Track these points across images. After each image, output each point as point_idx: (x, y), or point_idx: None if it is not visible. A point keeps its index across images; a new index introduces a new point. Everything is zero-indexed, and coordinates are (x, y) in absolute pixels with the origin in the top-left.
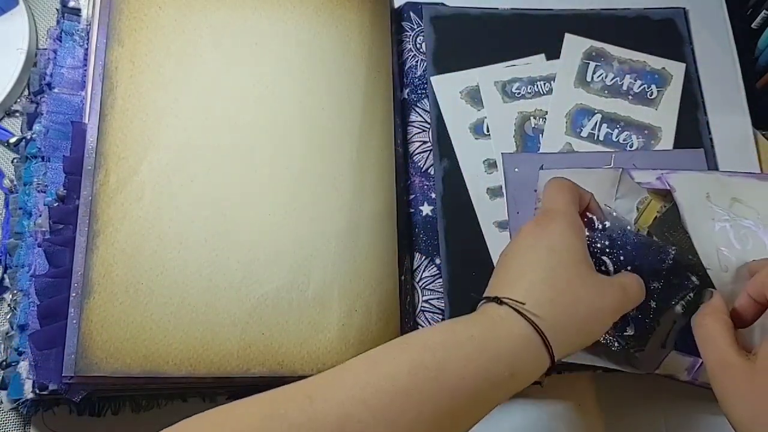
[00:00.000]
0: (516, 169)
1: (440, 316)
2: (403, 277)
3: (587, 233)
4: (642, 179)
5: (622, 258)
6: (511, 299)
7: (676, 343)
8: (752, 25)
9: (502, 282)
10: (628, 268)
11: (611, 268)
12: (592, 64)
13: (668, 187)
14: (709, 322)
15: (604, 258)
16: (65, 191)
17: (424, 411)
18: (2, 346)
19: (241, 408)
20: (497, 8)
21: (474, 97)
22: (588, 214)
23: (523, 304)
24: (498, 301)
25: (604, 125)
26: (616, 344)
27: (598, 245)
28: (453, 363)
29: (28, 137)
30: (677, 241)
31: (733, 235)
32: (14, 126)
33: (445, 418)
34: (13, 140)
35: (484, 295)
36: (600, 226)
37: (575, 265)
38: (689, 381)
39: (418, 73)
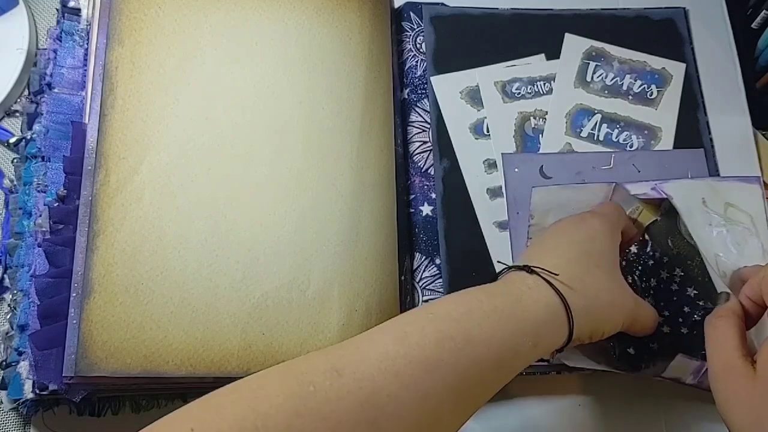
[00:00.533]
0: (516, 169)
1: None
2: (403, 277)
3: (635, 249)
4: (637, 191)
5: (644, 285)
6: (543, 269)
7: (683, 346)
8: (752, 25)
9: (533, 255)
10: (646, 295)
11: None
12: (592, 64)
13: (664, 196)
14: (722, 324)
15: (634, 277)
16: (65, 191)
17: (452, 381)
18: (2, 346)
19: (266, 385)
20: (497, 8)
21: (474, 97)
22: (646, 236)
23: (557, 275)
24: (528, 269)
25: (604, 125)
26: (615, 357)
27: (634, 264)
28: (479, 334)
29: (28, 137)
30: (678, 248)
31: (729, 240)
32: (14, 126)
33: (471, 387)
34: (13, 140)
35: (515, 264)
36: (650, 252)
37: (606, 259)
38: (695, 384)
39: (418, 73)
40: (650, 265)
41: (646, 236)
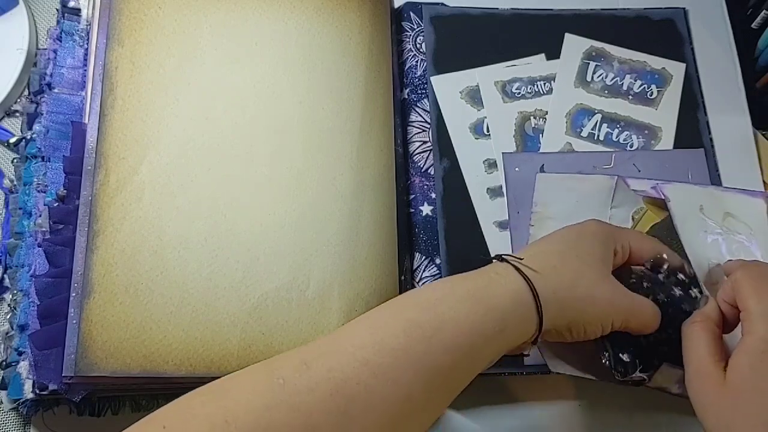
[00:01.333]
0: (516, 169)
1: None
2: (403, 277)
3: (646, 269)
4: (638, 187)
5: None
6: (511, 255)
7: (666, 355)
8: (752, 25)
9: (522, 250)
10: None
11: None
12: (592, 64)
13: (663, 197)
14: (696, 330)
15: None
16: (65, 191)
17: (421, 369)
18: (2, 346)
19: (238, 382)
20: (497, 8)
21: (474, 97)
22: (665, 255)
23: (521, 259)
24: (500, 258)
25: (605, 125)
26: (605, 358)
27: (643, 283)
28: (450, 318)
29: (28, 137)
30: (676, 249)
31: (725, 248)
32: (14, 126)
33: (441, 374)
34: (13, 140)
35: (491, 256)
36: (663, 274)
37: (593, 255)
38: (680, 394)
39: (418, 73)
40: (648, 286)
41: (665, 255)
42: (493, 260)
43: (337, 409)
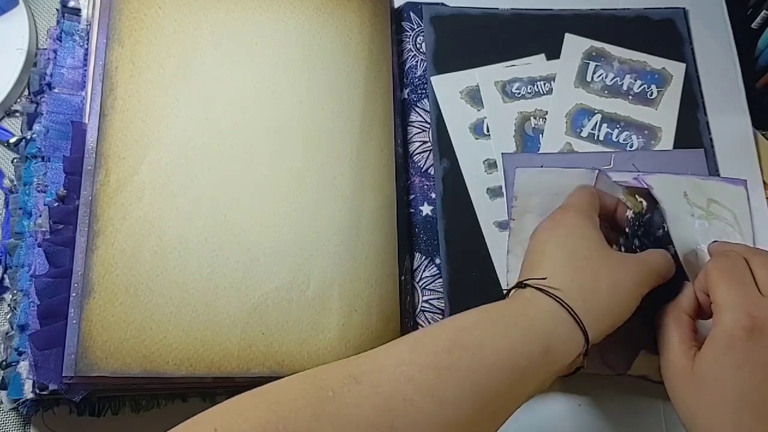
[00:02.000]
0: (516, 169)
1: (440, 316)
2: (403, 277)
3: (623, 240)
4: (619, 179)
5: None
6: (532, 278)
7: (644, 341)
8: (752, 25)
9: (524, 273)
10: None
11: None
12: (592, 64)
13: (645, 186)
14: (668, 320)
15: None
16: (65, 191)
17: (465, 387)
18: (2, 346)
19: (287, 390)
20: (497, 8)
21: (474, 97)
22: (626, 203)
23: (544, 279)
24: (522, 285)
25: (604, 125)
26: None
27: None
28: (488, 339)
29: (28, 137)
30: (662, 238)
31: (712, 232)
32: (14, 126)
33: (486, 395)
34: (13, 140)
35: (510, 287)
36: (628, 231)
37: (591, 246)
38: (661, 381)
39: (418, 73)
40: (645, 227)
41: (638, 198)
42: (515, 288)
43: (384, 423)
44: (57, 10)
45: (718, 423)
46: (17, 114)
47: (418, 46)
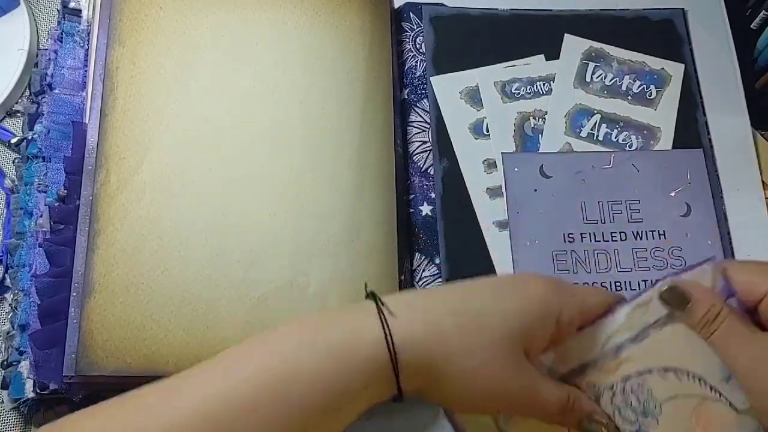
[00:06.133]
0: (516, 169)
1: None
2: (403, 277)
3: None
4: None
5: None
6: (381, 301)
7: None
8: (751, 26)
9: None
10: None
11: None
12: (592, 65)
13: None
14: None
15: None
16: (66, 191)
17: (272, 425)
18: (3, 345)
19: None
20: (497, 9)
21: (474, 97)
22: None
23: (383, 304)
24: (373, 295)
25: (604, 125)
26: None
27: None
28: (303, 373)
29: (29, 137)
30: None
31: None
32: (15, 126)
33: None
34: (14, 140)
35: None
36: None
37: (504, 327)
38: None
39: (418, 74)
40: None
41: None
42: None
43: None
44: (58, 10)
45: None
46: (18, 114)
47: (417, 46)
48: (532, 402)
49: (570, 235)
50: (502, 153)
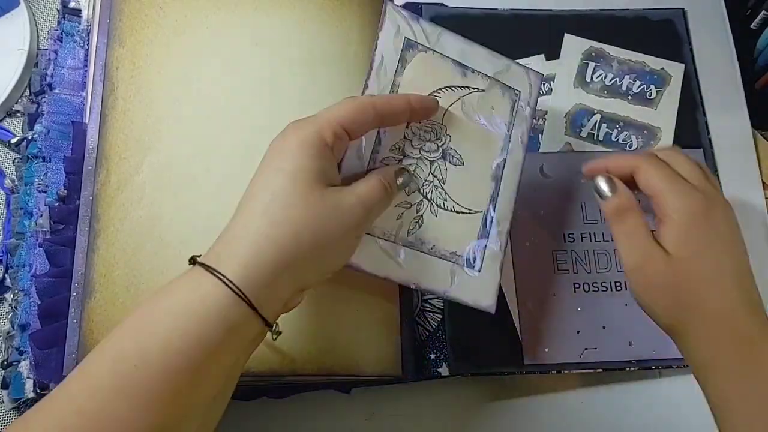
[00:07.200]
0: None
1: (440, 316)
2: None
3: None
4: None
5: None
6: (197, 257)
7: None
8: (751, 26)
9: (228, 225)
10: None
11: None
12: (592, 65)
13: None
14: (631, 216)
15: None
16: (66, 191)
17: (140, 401)
18: (3, 345)
19: None
20: (497, 9)
21: None
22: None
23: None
24: (192, 261)
25: (604, 125)
26: None
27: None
28: (154, 342)
29: (29, 137)
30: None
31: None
32: (15, 126)
33: (165, 397)
34: (14, 140)
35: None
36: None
37: (299, 189)
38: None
39: None
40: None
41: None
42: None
43: None
44: (58, 10)
45: (720, 289)
46: (18, 114)
47: None
48: (365, 208)
49: (570, 235)
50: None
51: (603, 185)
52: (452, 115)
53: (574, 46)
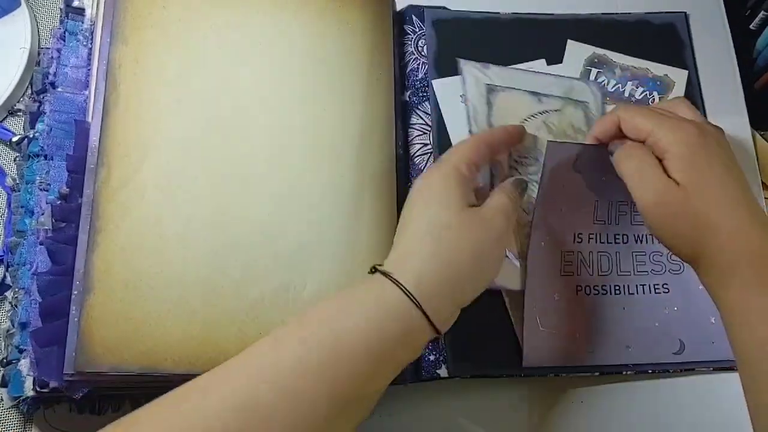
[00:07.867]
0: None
1: None
2: None
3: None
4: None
5: None
6: (378, 266)
7: None
8: (750, 26)
9: (394, 241)
10: None
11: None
12: (594, 71)
13: None
14: (640, 153)
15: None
16: (68, 189)
17: (324, 382)
18: (3, 343)
19: (147, 415)
20: (498, 13)
21: None
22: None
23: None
24: (373, 270)
25: None
26: None
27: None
28: (345, 332)
29: (31, 136)
30: None
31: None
32: (17, 125)
33: (341, 388)
34: (15, 139)
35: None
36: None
37: (452, 211)
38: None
39: (420, 76)
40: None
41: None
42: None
43: (240, 428)
44: (60, 9)
45: (729, 209)
46: (20, 113)
47: (419, 49)
48: (505, 216)
49: (579, 235)
50: (548, 141)
51: (611, 146)
52: (541, 138)
53: (576, 52)
